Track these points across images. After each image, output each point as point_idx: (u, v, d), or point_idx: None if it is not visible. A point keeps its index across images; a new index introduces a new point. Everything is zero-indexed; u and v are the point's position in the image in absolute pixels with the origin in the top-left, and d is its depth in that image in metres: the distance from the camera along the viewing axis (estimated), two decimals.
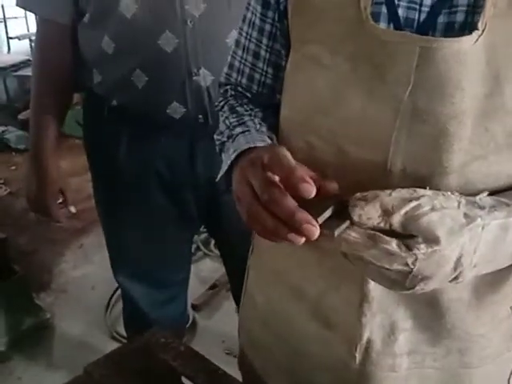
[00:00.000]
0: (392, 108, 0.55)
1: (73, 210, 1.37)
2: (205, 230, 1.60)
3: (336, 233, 0.50)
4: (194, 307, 2.07)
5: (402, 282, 0.51)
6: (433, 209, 0.50)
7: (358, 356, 0.65)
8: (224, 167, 0.65)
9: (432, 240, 0.49)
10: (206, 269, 2.30)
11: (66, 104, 1.31)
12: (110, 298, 2.07)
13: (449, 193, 0.53)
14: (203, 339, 1.98)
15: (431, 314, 0.63)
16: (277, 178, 0.51)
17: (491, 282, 0.63)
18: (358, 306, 0.63)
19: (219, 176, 0.67)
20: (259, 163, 0.53)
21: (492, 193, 0.56)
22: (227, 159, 0.64)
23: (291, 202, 0.49)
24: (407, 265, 0.49)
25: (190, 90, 1.13)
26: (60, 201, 1.33)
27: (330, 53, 0.59)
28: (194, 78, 1.12)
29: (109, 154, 1.24)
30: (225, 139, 0.70)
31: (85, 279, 2.29)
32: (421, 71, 0.54)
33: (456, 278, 0.52)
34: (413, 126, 0.55)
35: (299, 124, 0.64)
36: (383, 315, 0.64)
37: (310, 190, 0.47)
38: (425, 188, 0.54)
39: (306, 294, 0.69)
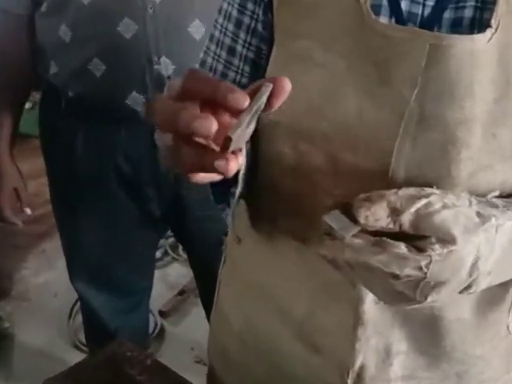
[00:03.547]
0: (396, 112, 0.50)
1: (28, 211, 1.31)
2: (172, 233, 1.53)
3: (347, 236, 0.45)
4: (162, 314, 2.00)
5: (410, 293, 0.46)
6: (445, 206, 0.46)
7: (349, 382, 0.60)
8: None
9: (447, 239, 0.45)
10: (174, 274, 2.22)
11: (22, 100, 1.27)
12: (73, 306, 1.98)
13: (459, 192, 0.49)
14: (171, 347, 1.91)
15: (429, 336, 0.59)
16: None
17: (491, 298, 0.59)
18: (351, 330, 0.58)
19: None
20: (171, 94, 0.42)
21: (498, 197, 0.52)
22: None
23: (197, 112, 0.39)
24: (420, 268, 0.45)
25: (150, 79, 1.09)
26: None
27: (323, 49, 0.53)
28: (155, 66, 1.08)
29: (65, 150, 1.19)
30: None
31: (47, 286, 2.19)
32: (429, 71, 0.49)
33: (469, 286, 0.48)
34: (419, 132, 0.50)
35: (285, 127, 0.57)
36: (378, 338, 0.59)
37: (242, 100, 0.37)
38: (431, 187, 0.49)
39: (290, 312, 0.63)
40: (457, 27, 0.51)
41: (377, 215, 0.45)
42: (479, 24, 0.50)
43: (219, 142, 0.40)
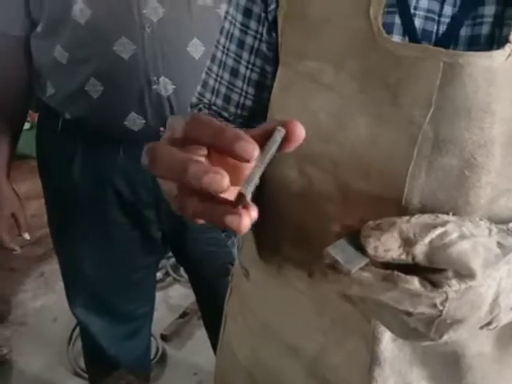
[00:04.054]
0: (408, 136, 0.47)
1: (27, 236, 1.28)
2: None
3: (353, 270, 0.41)
4: (164, 338, 1.95)
5: (424, 330, 0.42)
6: (462, 236, 0.42)
7: None
8: None
9: (466, 274, 0.41)
10: (176, 295, 2.18)
11: (20, 122, 1.24)
12: (73, 331, 1.94)
13: (477, 219, 0.45)
14: (174, 372, 1.86)
15: (450, 373, 0.55)
16: (202, 154, 0.38)
17: None
18: (366, 368, 0.54)
19: None
20: (173, 137, 0.40)
21: None
22: None
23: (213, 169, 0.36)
24: (435, 306, 0.41)
25: (149, 100, 1.06)
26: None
27: (332, 70, 0.50)
28: (154, 86, 1.06)
29: (62, 171, 1.16)
30: None
31: (46, 310, 2.15)
32: (444, 91, 0.46)
33: (490, 322, 0.44)
34: (434, 156, 0.47)
35: (293, 152, 0.53)
36: (396, 378, 0.55)
37: (250, 150, 0.34)
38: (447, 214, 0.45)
39: (301, 349, 0.60)
40: (474, 45, 0.48)
41: (387, 246, 0.41)
42: (498, 41, 0.47)
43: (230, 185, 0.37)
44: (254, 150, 0.34)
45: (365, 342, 0.54)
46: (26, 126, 1.91)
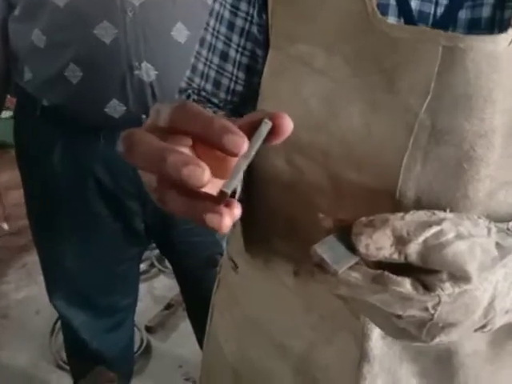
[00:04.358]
0: (404, 124, 0.45)
1: (5, 226, 1.24)
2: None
3: (341, 270, 0.39)
4: (148, 329, 1.93)
5: (415, 332, 0.40)
6: (459, 236, 0.39)
7: None
8: None
9: (460, 277, 0.39)
10: (161, 287, 2.16)
11: None
12: (55, 323, 1.91)
13: (475, 217, 0.42)
14: (159, 364, 1.84)
15: (441, 371, 0.53)
16: (186, 144, 0.36)
17: (509, 329, 0.52)
18: (355, 366, 0.52)
19: None
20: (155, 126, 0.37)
21: None
22: None
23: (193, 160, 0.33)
24: (427, 310, 0.39)
25: (131, 86, 1.03)
26: None
27: (324, 53, 0.48)
28: (136, 72, 1.02)
29: (41, 160, 1.13)
30: None
31: (28, 302, 2.11)
32: (443, 78, 0.43)
33: (484, 326, 0.42)
34: (430, 147, 0.45)
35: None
36: (385, 375, 0.53)
37: (240, 144, 0.32)
38: (444, 210, 0.43)
39: (289, 346, 0.58)
40: (474, 28, 0.46)
41: (379, 244, 0.39)
42: (499, 24, 0.45)
43: (213, 175, 0.34)
44: (244, 144, 0.32)
45: (354, 339, 0.52)
46: (7, 114, 1.86)
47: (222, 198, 0.33)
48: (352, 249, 0.39)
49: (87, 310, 1.26)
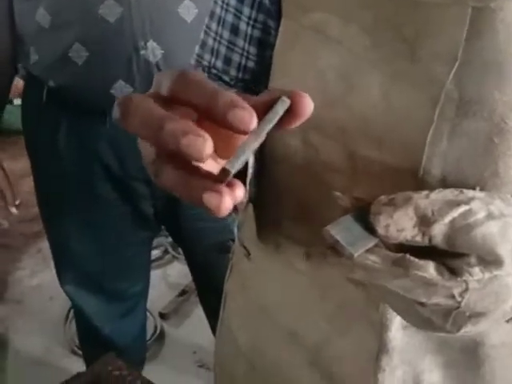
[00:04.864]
0: (429, 96, 0.41)
1: (14, 210, 1.23)
2: None
3: (357, 253, 0.35)
4: (162, 316, 1.92)
5: (440, 322, 0.37)
6: (489, 216, 0.36)
7: None
8: None
9: (491, 261, 0.35)
10: (175, 273, 2.15)
11: (4, 90, 1.18)
12: (70, 309, 1.91)
13: (508, 196, 0.39)
14: (172, 351, 1.83)
15: (466, 362, 0.49)
16: (189, 119, 0.33)
17: None
18: (373, 358, 0.49)
19: None
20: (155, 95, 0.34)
21: None
22: None
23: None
24: (453, 297, 0.36)
25: (137, 67, 1.00)
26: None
27: (340, 22, 0.44)
28: (142, 52, 0.99)
29: (47, 144, 1.11)
30: None
31: (42, 288, 2.12)
32: (472, 43, 0.39)
33: None
34: (458, 120, 0.41)
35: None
36: (406, 368, 0.49)
37: (247, 120, 0.29)
38: (473, 189, 0.39)
39: (302, 337, 0.55)
40: None
41: (400, 224, 0.35)
42: None
43: (219, 155, 0.31)
44: (252, 120, 0.29)
45: (372, 329, 0.49)
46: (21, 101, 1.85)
47: (224, 177, 0.30)
48: (370, 230, 0.36)
49: (97, 295, 1.24)
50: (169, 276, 2.13)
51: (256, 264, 0.60)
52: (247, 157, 0.30)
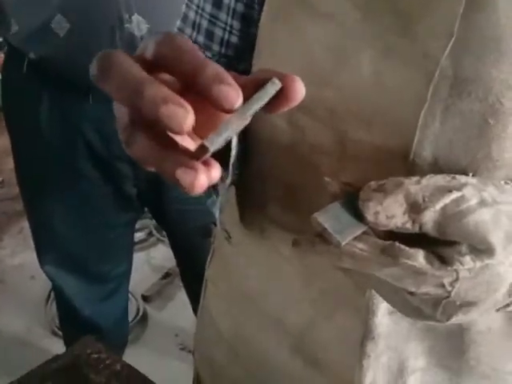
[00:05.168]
0: (422, 73, 0.39)
1: None
2: None
3: (344, 241, 0.34)
4: (145, 298, 1.91)
5: (429, 311, 0.36)
6: (482, 203, 0.34)
7: None
8: None
9: (483, 249, 0.34)
10: (159, 256, 2.12)
11: None
12: (51, 290, 1.88)
13: (502, 182, 0.37)
14: (155, 334, 1.82)
15: (451, 348, 0.48)
16: (172, 87, 0.30)
17: None
18: (358, 344, 0.48)
19: None
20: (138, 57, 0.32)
21: None
22: None
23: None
24: (443, 286, 0.34)
25: (121, 40, 0.97)
26: None
27: None
28: (126, 25, 0.96)
29: (28, 120, 1.08)
30: None
31: (24, 268, 2.08)
32: (469, 19, 0.37)
33: (508, 305, 0.37)
34: (452, 100, 0.39)
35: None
36: (391, 354, 0.48)
37: (231, 97, 0.28)
38: (466, 175, 0.38)
39: (286, 323, 0.54)
40: None
41: (390, 211, 0.34)
42: None
43: (197, 134, 0.29)
44: (237, 99, 0.28)
45: (357, 315, 0.47)
46: None
47: (201, 154, 0.28)
48: (359, 217, 0.35)
49: (77, 276, 1.23)
50: (153, 258, 2.12)
51: (239, 249, 0.58)
52: (228, 136, 0.28)
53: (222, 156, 0.45)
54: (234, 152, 0.47)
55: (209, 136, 0.28)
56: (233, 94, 0.27)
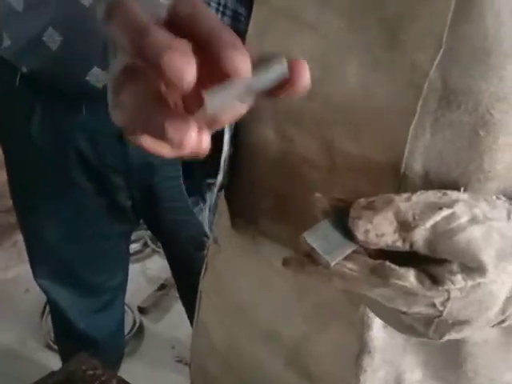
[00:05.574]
0: (410, 85, 0.38)
1: None
2: None
3: (334, 261, 0.33)
4: (141, 310, 1.90)
5: (422, 330, 0.35)
6: (473, 220, 0.34)
7: None
8: None
9: (474, 268, 0.34)
10: (155, 267, 2.11)
11: None
12: (46, 303, 1.87)
13: (493, 197, 0.37)
14: (151, 346, 1.81)
15: (447, 360, 0.48)
16: None
17: None
18: (353, 358, 0.48)
19: None
20: None
21: None
22: None
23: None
24: (434, 306, 0.34)
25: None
26: None
27: (315, 6, 0.41)
28: None
29: (20, 132, 1.08)
30: None
31: (18, 281, 2.07)
32: (458, 29, 0.37)
33: (502, 321, 0.37)
34: (441, 111, 0.39)
35: (269, 107, 0.46)
36: (388, 368, 0.48)
37: (245, 65, 0.26)
38: (458, 190, 0.38)
39: (281, 336, 0.53)
40: None
41: (380, 229, 0.33)
42: None
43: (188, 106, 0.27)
44: (248, 68, 0.26)
45: (352, 329, 0.47)
46: None
47: (197, 107, 0.26)
48: (349, 235, 0.34)
49: (72, 289, 1.22)
50: (148, 270, 2.10)
51: (231, 261, 0.58)
52: (230, 97, 0.26)
53: (212, 159, 0.44)
54: (226, 148, 0.47)
55: (210, 89, 0.26)
56: (245, 62, 0.26)
